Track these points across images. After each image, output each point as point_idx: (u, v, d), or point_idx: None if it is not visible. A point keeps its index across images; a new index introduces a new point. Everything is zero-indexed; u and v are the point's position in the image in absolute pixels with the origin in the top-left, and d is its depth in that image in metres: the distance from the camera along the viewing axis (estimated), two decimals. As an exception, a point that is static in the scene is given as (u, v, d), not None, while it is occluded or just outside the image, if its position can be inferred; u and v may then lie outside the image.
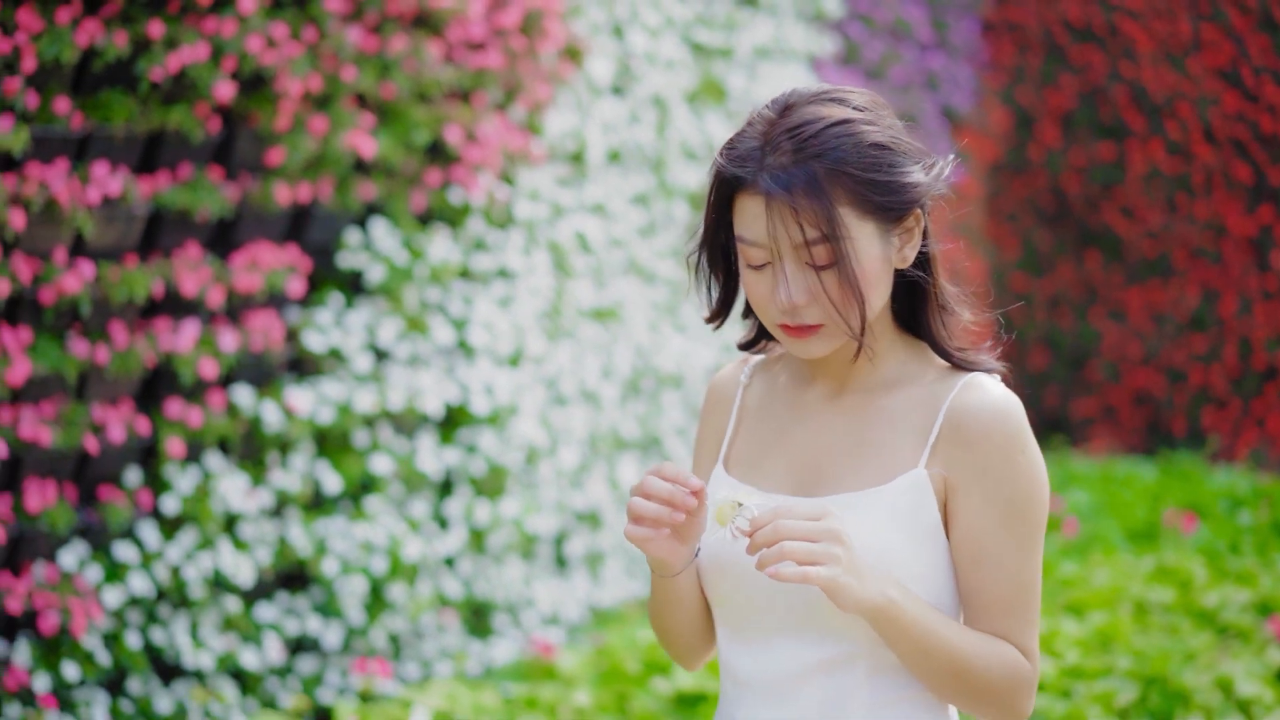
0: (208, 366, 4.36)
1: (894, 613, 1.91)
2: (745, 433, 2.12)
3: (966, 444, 1.96)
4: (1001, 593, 1.97)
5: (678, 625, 2.10)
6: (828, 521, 1.88)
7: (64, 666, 4.16)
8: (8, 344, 3.99)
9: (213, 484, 4.41)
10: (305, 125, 4.48)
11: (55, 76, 4.02)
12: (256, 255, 4.48)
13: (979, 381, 2.01)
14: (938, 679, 1.96)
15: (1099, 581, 5.17)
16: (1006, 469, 1.96)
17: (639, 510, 1.95)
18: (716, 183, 1.98)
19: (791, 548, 1.85)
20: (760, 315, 2.00)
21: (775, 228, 1.94)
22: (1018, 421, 1.98)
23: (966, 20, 8.71)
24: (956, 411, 1.98)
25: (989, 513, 1.96)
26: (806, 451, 2.05)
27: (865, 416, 2.04)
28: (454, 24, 4.77)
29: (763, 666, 2.02)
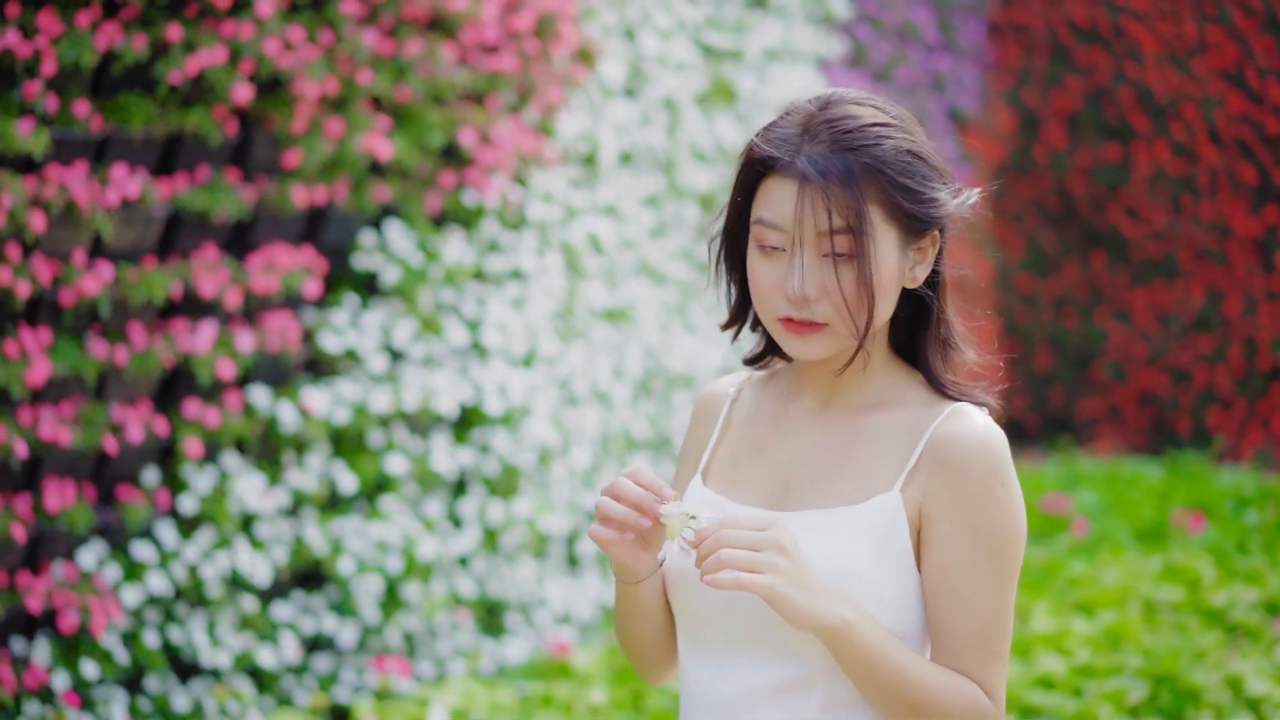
0: (225, 367, 4.39)
1: (847, 634, 1.88)
2: (727, 445, 2.10)
3: (945, 472, 1.94)
4: (969, 628, 1.93)
5: (639, 634, 2.08)
6: (772, 532, 1.87)
7: (83, 665, 4.19)
8: (28, 345, 4.02)
9: (230, 484, 4.44)
10: (321, 128, 4.51)
11: (75, 79, 4.06)
12: (273, 257, 4.52)
13: (965, 411, 1.97)
14: (892, 709, 1.92)
15: (1108, 580, 5.20)
16: (983, 501, 1.93)
17: (606, 510, 1.94)
18: (747, 162, 1.97)
19: (730, 555, 1.84)
20: (762, 307, 1.97)
21: (804, 212, 1.92)
22: (999, 454, 1.94)
23: (972, 22, 8.74)
24: (939, 439, 1.95)
25: (962, 544, 1.93)
26: (784, 465, 2.03)
27: (846, 435, 2.01)
28: (468, 27, 4.80)
29: (718, 685, 2.00)
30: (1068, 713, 4.09)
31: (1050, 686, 4.26)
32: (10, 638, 4.18)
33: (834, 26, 7.22)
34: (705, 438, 2.12)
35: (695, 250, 6.04)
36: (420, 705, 4.18)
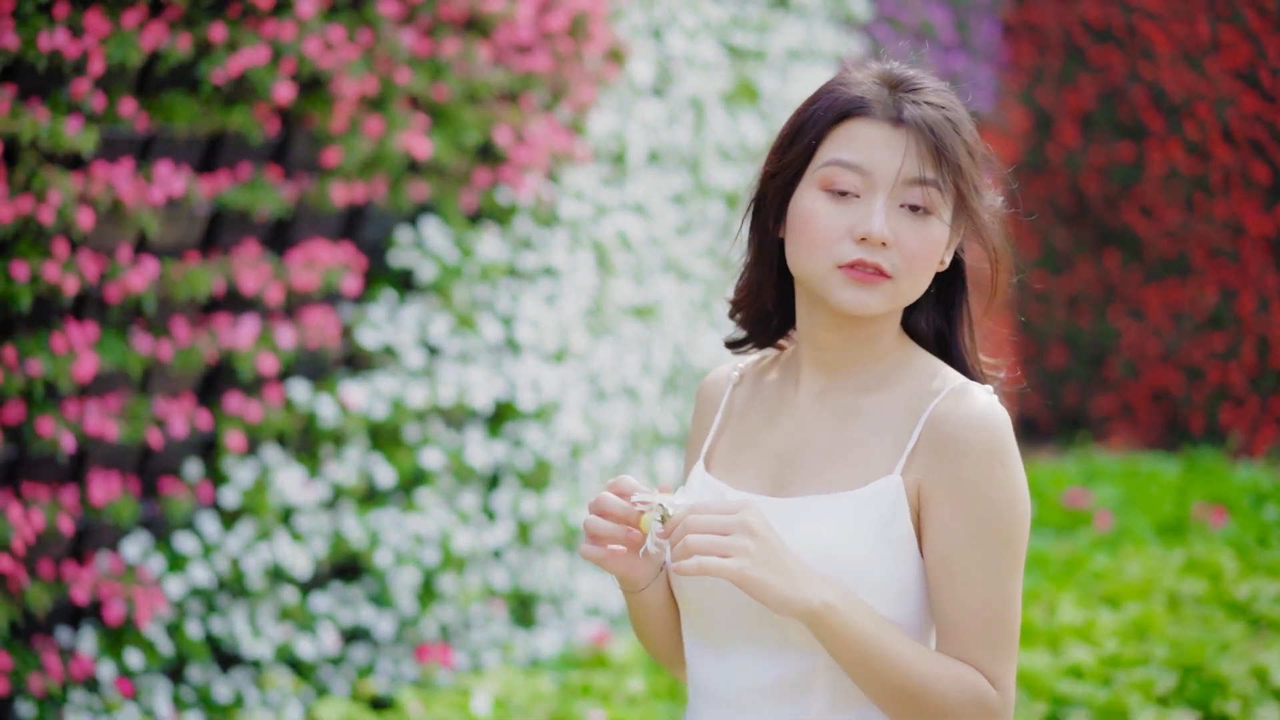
0: (266, 362, 4.46)
1: (831, 619, 1.82)
2: (729, 431, 2.06)
3: (944, 454, 1.88)
4: (971, 614, 1.86)
5: (656, 637, 2.06)
6: (741, 514, 1.82)
7: (127, 655, 4.26)
8: (75, 340, 4.09)
9: (270, 477, 4.51)
10: (360, 127, 4.58)
11: (121, 79, 4.12)
12: (313, 253, 4.59)
13: (966, 389, 1.92)
14: (887, 697, 1.87)
15: (1131, 574, 5.27)
16: (984, 483, 1.86)
17: (594, 528, 1.90)
18: (832, 103, 1.90)
19: (695, 540, 1.80)
20: (818, 254, 1.90)
21: (894, 158, 1.88)
22: (999, 434, 1.88)
23: (987, 22, 8.81)
24: (937, 419, 1.89)
25: (961, 527, 1.87)
26: (783, 450, 1.98)
27: (845, 418, 1.96)
28: (503, 27, 4.87)
29: (722, 678, 1.96)
30: (1098, 702, 4.15)
31: (1080, 676, 4.34)
32: (57, 628, 4.25)
33: (854, 27, 7.29)
34: (707, 424, 2.09)
35: (720, 248, 6.12)
36: (462, 695, 4.25)
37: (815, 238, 1.90)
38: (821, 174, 1.91)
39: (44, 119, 3.87)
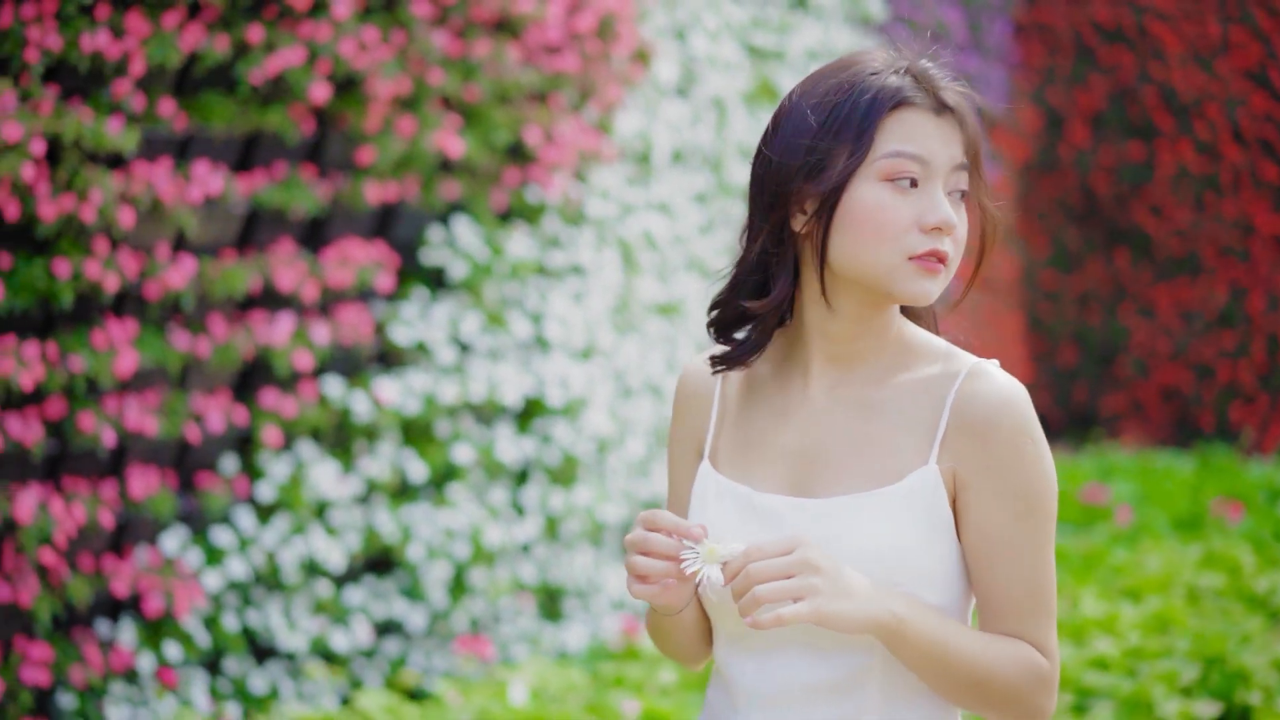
0: (302, 358, 4.52)
1: (902, 630, 1.84)
2: (731, 428, 2.03)
3: (975, 437, 1.89)
4: (1018, 589, 1.89)
5: (683, 644, 2.05)
6: (800, 553, 1.80)
7: (166, 647, 4.32)
8: (115, 337, 4.15)
9: (305, 472, 4.57)
10: (394, 126, 4.65)
11: (160, 79, 4.19)
12: (347, 251, 4.65)
13: (982, 369, 1.92)
14: (956, 691, 1.88)
15: (1151, 568, 5.34)
16: (1017, 461, 1.88)
17: (644, 569, 1.86)
18: (876, 95, 1.89)
19: (765, 591, 1.78)
20: (885, 246, 1.88)
21: (942, 144, 1.90)
22: (1026, 410, 1.89)
23: (999, 22, 8.87)
24: (963, 402, 1.90)
25: (1001, 507, 1.88)
26: (803, 448, 1.96)
27: (865, 411, 1.94)
28: (533, 28, 4.94)
29: (766, 679, 1.94)
30: (1123, 693, 4.22)
31: (1105, 667, 4.40)
32: (96, 621, 4.31)
33: (870, 27, 7.35)
34: (702, 421, 2.05)
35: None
36: (499, 685, 4.32)
37: (885, 231, 1.88)
38: (883, 165, 1.89)
39: (87, 119, 3.94)
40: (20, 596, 4.01)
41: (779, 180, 1.92)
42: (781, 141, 1.93)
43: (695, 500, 2.00)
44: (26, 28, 3.83)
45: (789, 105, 1.95)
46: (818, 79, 1.95)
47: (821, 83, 1.94)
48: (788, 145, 1.92)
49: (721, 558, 1.81)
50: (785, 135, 1.93)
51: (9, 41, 3.82)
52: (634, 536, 1.87)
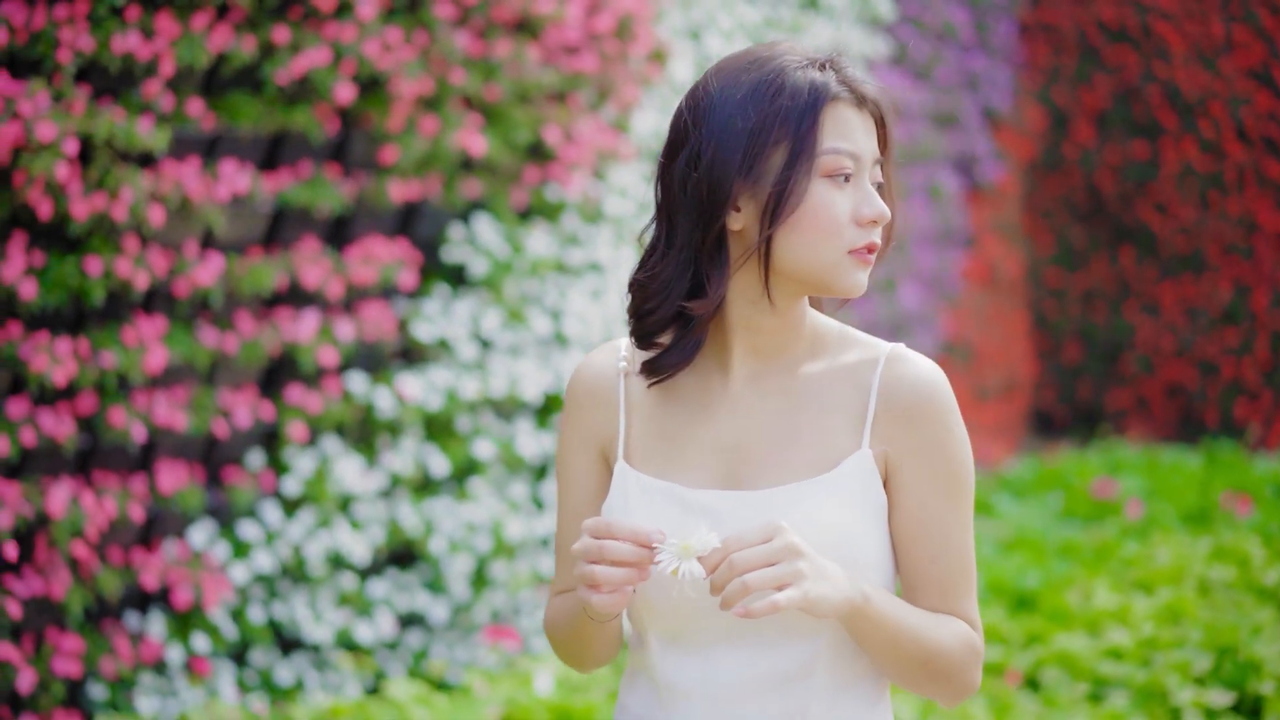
0: (327, 355, 4.59)
1: (869, 610, 1.85)
2: (643, 425, 2.00)
3: (905, 420, 1.92)
4: (946, 567, 1.93)
5: (596, 651, 2.02)
6: (781, 538, 1.78)
7: (193, 639, 4.39)
8: (145, 334, 4.22)
9: (330, 466, 4.64)
10: (416, 126, 4.71)
11: (188, 80, 4.25)
12: (370, 249, 4.72)
13: (902, 353, 1.95)
14: (906, 668, 1.91)
15: (1162, 560, 5.41)
16: (944, 441, 1.92)
17: (605, 578, 1.81)
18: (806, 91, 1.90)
19: (754, 579, 1.76)
20: (828, 243, 1.90)
21: (868, 138, 1.92)
22: (949, 390, 1.93)
23: (1004, 22, 8.93)
24: (890, 386, 1.93)
25: (931, 487, 1.92)
26: (731, 443, 1.95)
27: (790, 399, 1.95)
28: (552, 29, 5.00)
29: (709, 676, 1.93)
30: (1138, 682, 4.29)
31: (1119, 657, 4.47)
32: (126, 613, 4.37)
33: (879, 27, 7.42)
34: (607, 420, 2.01)
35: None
36: (523, 676, 4.38)
37: (830, 227, 1.90)
38: (824, 162, 1.90)
39: (119, 119, 4.00)
40: (52, 589, 4.08)
41: (715, 180, 1.90)
42: (711, 139, 1.90)
43: (616, 500, 1.96)
44: (59, 29, 3.90)
45: (710, 102, 1.92)
46: (735, 73, 1.92)
47: (741, 77, 1.92)
48: (720, 143, 1.90)
49: (697, 552, 1.78)
50: (715, 133, 1.90)
51: (42, 42, 3.89)
52: (586, 546, 1.83)
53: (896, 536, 1.94)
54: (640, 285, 1.95)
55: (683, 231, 1.92)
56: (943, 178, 8.31)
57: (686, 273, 1.92)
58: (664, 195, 1.96)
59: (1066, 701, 4.25)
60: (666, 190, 1.95)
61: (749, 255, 1.92)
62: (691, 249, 1.92)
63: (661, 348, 1.96)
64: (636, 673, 2.01)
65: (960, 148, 8.54)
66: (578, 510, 2.04)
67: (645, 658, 1.97)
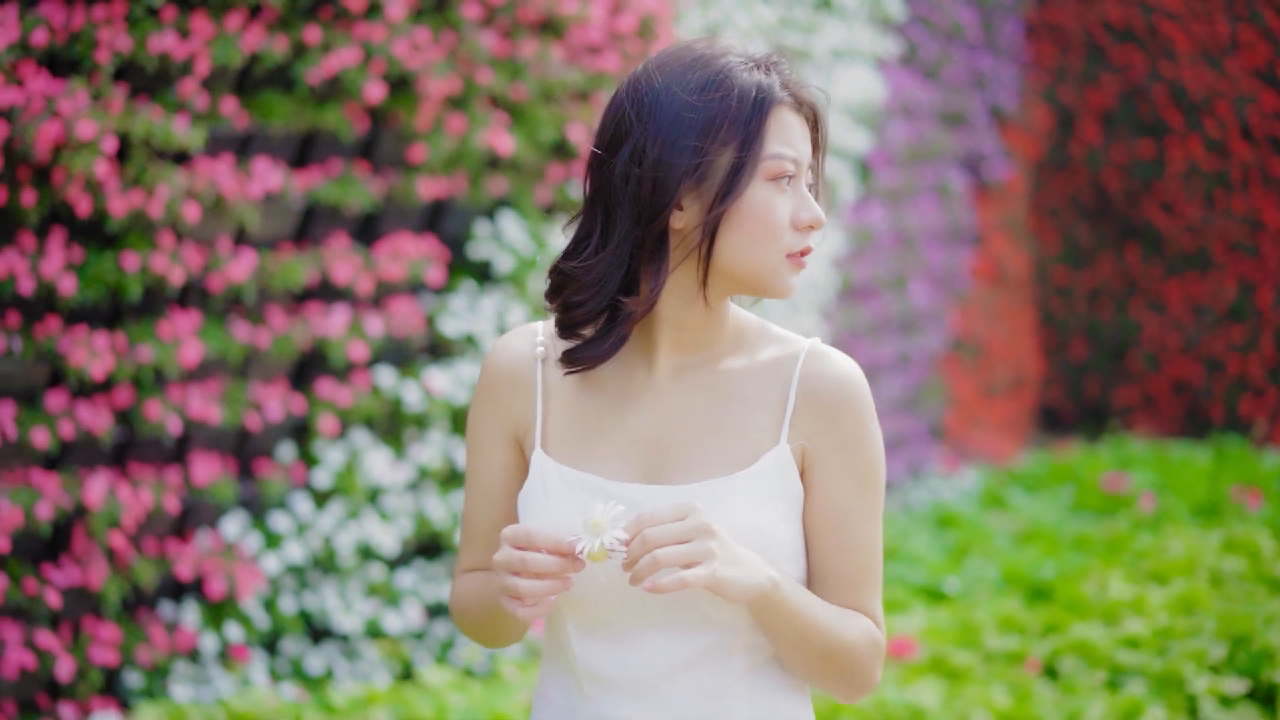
0: (356, 349, 4.67)
1: (776, 597, 1.85)
2: (561, 414, 1.98)
3: (824, 415, 1.92)
4: (855, 564, 1.94)
5: (504, 635, 2.03)
6: (694, 518, 1.80)
7: (227, 628, 4.47)
8: (180, 328, 4.30)
9: (359, 459, 4.72)
10: (444, 124, 4.79)
11: (222, 79, 4.33)
12: (399, 246, 4.80)
13: (820, 349, 1.96)
14: (810, 661, 1.92)
15: (1174, 553, 5.49)
16: (859, 438, 1.93)
17: (530, 591, 1.80)
18: (753, 93, 1.89)
19: (665, 554, 1.77)
20: (771, 246, 1.90)
21: (805, 143, 1.92)
22: (865, 389, 1.95)
23: (1011, 22, 9.01)
24: (809, 382, 1.93)
25: (846, 483, 1.93)
26: (652, 435, 1.95)
27: (712, 394, 1.95)
28: (576, 29, 5.08)
29: (629, 661, 1.93)
30: (1154, 670, 4.37)
31: (1136, 646, 4.55)
32: (160, 602, 4.45)
33: (889, 27, 7.50)
34: (523, 407, 2.00)
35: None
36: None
37: (773, 230, 1.90)
38: (768, 166, 1.89)
39: (157, 118, 4.08)
40: (90, 579, 4.16)
41: (659, 178, 1.88)
42: (658, 137, 1.89)
43: (535, 490, 1.95)
44: (97, 29, 3.98)
45: (655, 97, 1.90)
46: (681, 70, 1.91)
47: (688, 75, 1.91)
48: (667, 142, 1.88)
49: (607, 524, 1.79)
50: (661, 131, 1.89)
51: (81, 43, 3.97)
52: (508, 557, 1.82)
53: (808, 530, 1.94)
54: (569, 276, 1.92)
55: (621, 227, 1.90)
56: (951, 176, 8.39)
57: (621, 268, 1.90)
58: (599, 187, 1.93)
59: (1085, 689, 4.34)
60: (603, 183, 1.92)
61: (689, 254, 1.90)
62: (629, 244, 1.90)
63: (582, 338, 1.94)
64: (554, 662, 2.00)
65: (968, 146, 8.62)
66: (488, 492, 2.03)
67: (562, 647, 1.97)
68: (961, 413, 8.56)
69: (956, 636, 4.77)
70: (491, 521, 2.03)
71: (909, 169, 7.91)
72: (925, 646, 4.65)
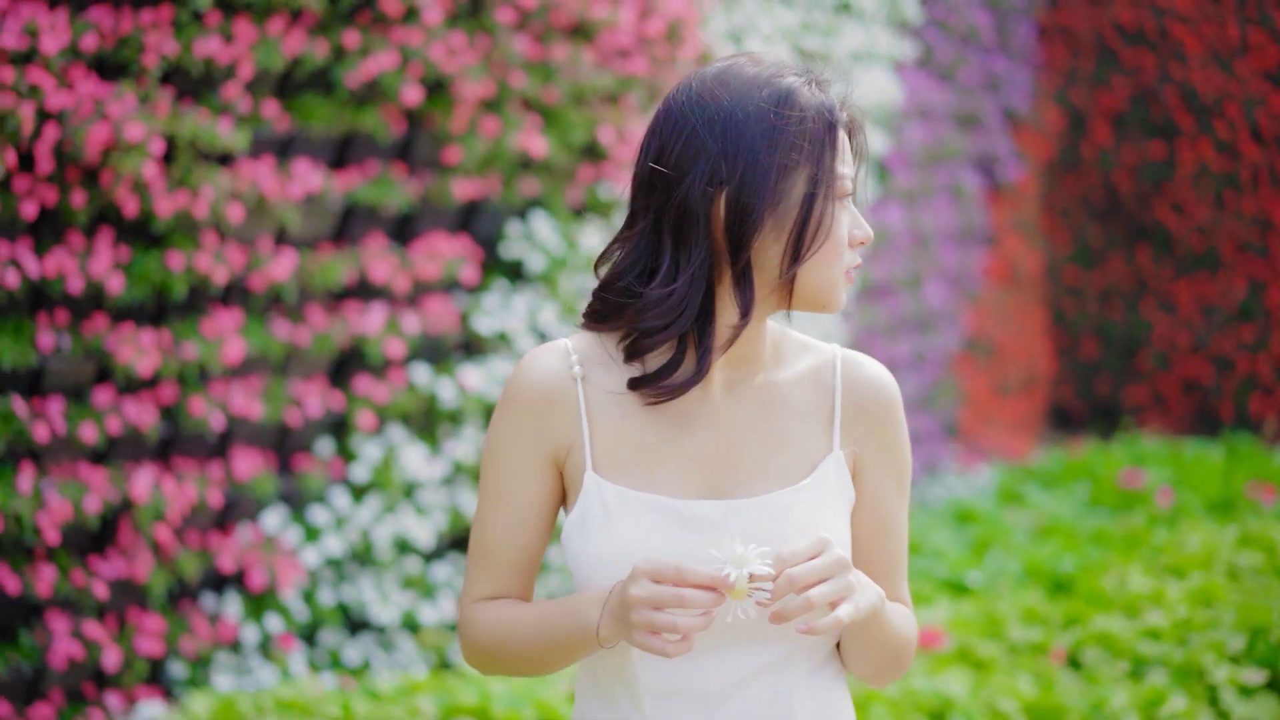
0: (393, 347, 4.77)
1: (882, 610, 1.89)
2: (609, 433, 1.94)
3: (870, 420, 1.96)
4: (896, 559, 2.00)
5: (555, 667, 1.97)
6: (830, 553, 1.79)
7: (267, 619, 4.56)
8: (223, 326, 4.39)
9: (396, 454, 4.82)
10: (478, 127, 4.89)
11: (264, 82, 4.43)
12: (434, 246, 4.90)
13: (853, 356, 2.00)
14: (880, 660, 1.96)
15: (1192, 547, 5.59)
16: (898, 439, 1.99)
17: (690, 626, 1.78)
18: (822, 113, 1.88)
19: (817, 594, 1.77)
20: (836, 262, 1.90)
21: (853, 157, 1.93)
22: (898, 391, 2.00)
23: (1023, 24, 9.10)
24: (852, 389, 1.97)
25: (890, 483, 1.98)
26: (709, 450, 1.94)
27: (764, 407, 1.95)
28: (606, 33, 5.18)
29: (694, 676, 1.91)
30: (1175, 661, 4.47)
31: (1157, 638, 4.65)
32: (203, 594, 4.55)
33: (906, 30, 7.60)
34: (565, 427, 1.94)
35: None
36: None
37: (839, 250, 1.90)
38: (839, 186, 1.90)
39: (204, 120, 4.18)
40: (136, 571, 4.26)
41: (745, 206, 1.85)
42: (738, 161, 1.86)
43: (592, 513, 1.91)
44: (145, 34, 4.07)
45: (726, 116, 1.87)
46: (747, 87, 1.89)
47: (756, 94, 1.88)
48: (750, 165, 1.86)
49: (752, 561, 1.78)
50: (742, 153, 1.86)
51: (129, 47, 4.07)
52: (659, 594, 1.78)
53: (855, 528, 1.98)
54: (646, 301, 1.88)
55: (698, 250, 1.86)
56: (965, 177, 8.48)
57: (700, 293, 1.87)
58: (664, 207, 1.88)
59: (1108, 679, 4.44)
60: (670, 203, 1.87)
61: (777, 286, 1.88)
62: (707, 269, 1.87)
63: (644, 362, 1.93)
64: (598, 682, 1.97)
65: (982, 148, 8.71)
66: (516, 516, 1.96)
67: (617, 664, 1.93)
68: (975, 411, 8.65)
69: (981, 628, 4.87)
70: (518, 546, 1.97)
71: (924, 170, 8.00)
72: (951, 637, 4.75)
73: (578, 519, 1.92)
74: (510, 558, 1.97)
